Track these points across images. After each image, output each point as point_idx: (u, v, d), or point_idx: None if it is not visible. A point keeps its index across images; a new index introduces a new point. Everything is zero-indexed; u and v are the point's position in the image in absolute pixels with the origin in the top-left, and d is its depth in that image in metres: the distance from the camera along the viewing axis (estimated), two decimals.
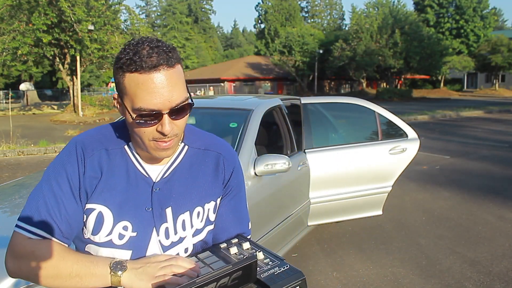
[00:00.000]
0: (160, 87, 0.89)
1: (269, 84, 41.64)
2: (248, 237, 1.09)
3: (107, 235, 0.97)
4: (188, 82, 0.99)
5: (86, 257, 0.94)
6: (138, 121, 0.91)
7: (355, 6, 40.12)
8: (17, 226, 0.96)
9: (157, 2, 68.70)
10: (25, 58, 17.68)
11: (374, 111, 3.96)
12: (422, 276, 3.35)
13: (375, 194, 3.83)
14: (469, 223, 4.62)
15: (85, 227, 0.99)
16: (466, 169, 7.37)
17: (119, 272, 0.89)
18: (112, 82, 36.59)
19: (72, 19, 15.25)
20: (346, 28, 47.15)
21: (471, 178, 6.71)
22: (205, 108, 3.66)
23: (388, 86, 36.25)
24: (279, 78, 41.61)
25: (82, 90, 22.28)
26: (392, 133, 4.03)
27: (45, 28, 15.52)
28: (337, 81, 44.53)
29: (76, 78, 17.30)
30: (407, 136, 3.95)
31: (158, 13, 67.79)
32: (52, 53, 17.12)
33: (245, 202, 1.13)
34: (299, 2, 54.98)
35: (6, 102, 25.81)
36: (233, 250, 0.96)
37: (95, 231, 0.98)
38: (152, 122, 0.91)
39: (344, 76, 39.44)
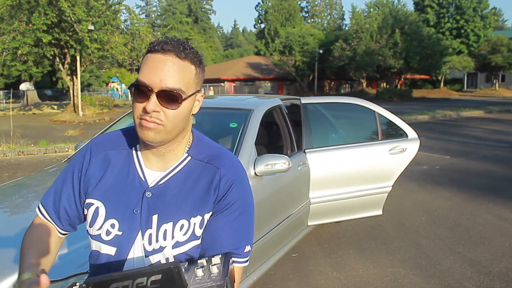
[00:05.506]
0: (158, 63, 0.94)
1: (269, 84, 41.63)
2: (244, 259, 1.03)
3: (98, 229, 1.03)
4: None
5: (31, 259, 1.01)
6: (133, 92, 0.97)
7: (355, 6, 40.11)
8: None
9: (157, 2, 68.76)
10: (25, 58, 17.66)
11: (374, 111, 3.96)
12: (422, 276, 3.35)
13: (375, 194, 3.83)
14: (469, 223, 4.62)
15: (86, 220, 1.07)
16: (466, 169, 7.37)
17: None
18: (112, 82, 36.49)
19: (72, 19, 15.24)
20: (346, 28, 47.20)
21: (471, 178, 6.71)
22: (205, 108, 3.66)
23: (388, 86, 36.22)
24: (279, 78, 41.59)
25: (82, 90, 22.26)
26: (392, 133, 4.02)
27: (45, 28, 15.50)
28: (337, 81, 44.51)
29: (76, 78, 17.29)
30: (407, 136, 3.95)
31: (158, 13, 67.86)
32: (52, 53, 17.10)
33: (247, 223, 1.05)
34: (299, 2, 54.99)
35: (6, 102, 25.82)
36: (201, 262, 0.91)
37: (91, 224, 1.05)
38: (142, 96, 0.95)
39: (344, 76, 39.43)
